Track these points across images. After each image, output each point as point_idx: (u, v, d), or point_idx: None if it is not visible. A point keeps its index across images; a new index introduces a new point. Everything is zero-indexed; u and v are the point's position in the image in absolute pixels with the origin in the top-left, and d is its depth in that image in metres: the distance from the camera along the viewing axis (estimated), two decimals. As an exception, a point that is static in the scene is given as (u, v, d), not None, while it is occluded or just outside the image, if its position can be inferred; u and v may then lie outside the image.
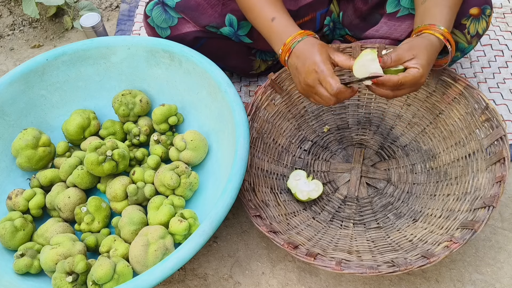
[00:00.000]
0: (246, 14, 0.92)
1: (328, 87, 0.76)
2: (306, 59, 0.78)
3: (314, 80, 0.78)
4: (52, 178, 0.97)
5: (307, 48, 0.79)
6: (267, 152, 1.02)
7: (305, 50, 0.79)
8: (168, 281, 0.93)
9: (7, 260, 0.87)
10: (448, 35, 0.80)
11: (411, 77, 0.75)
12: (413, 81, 0.76)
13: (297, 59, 0.81)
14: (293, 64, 0.82)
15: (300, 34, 0.82)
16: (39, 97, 1.05)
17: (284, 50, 0.83)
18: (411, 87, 0.78)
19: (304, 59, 0.79)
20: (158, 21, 1.03)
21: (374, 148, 1.07)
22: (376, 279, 0.90)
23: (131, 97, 1.04)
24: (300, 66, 0.80)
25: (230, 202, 0.77)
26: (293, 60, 0.82)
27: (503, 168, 0.82)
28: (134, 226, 0.86)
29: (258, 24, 0.89)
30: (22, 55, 1.46)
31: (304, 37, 0.81)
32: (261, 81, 1.26)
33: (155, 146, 1.01)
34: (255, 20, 0.89)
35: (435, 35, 0.79)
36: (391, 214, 0.96)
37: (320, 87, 0.78)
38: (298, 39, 0.81)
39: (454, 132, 0.96)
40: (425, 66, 0.76)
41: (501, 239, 0.94)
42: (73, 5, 1.52)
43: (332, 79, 0.75)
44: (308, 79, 0.79)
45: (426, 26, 0.80)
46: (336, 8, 1.10)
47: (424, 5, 0.84)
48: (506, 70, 1.22)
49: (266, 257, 0.95)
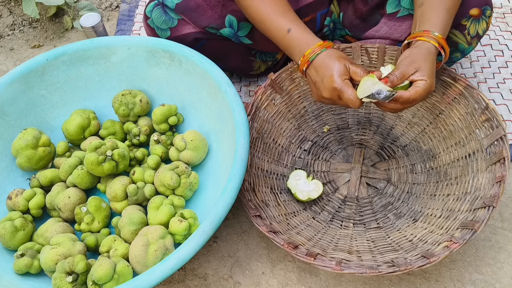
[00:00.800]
0: (257, 26, 0.91)
1: (349, 102, 0.78)
2: (324, 74, 0.80)
3: (334, 95, 0.80)
4: (52, 178, 0.97)
5: (325, 62, 0.80)
6: (267, 152, 1.02)
7: (323, 65, 0.80)
8: (168, 281, 0.93)
9: (7, 260, 0.87)
10: (442, 41, 0.80)
11: (422, 89, 0.76)
12: (424, 92, 0.77)
13: (315, 72, 0.82)
14: (311, 77, 0.83)
15: (320, 46, 0.82)
16: (39, 97, 1.05)
17: (303, 62, 0.83)
18: (422, 99, 0.78)
19: (322, 74, 0.80)
20: (158, 22, 1.03)
21: (374, 148, 1.07)
22: (376, 279, 0.90)
23: (131, 97, 1.04)
24: (319, 81, 0.81)
25: (230, 202, 0.77)
26: (312, 73, 0.83)
27: (503, 168, 0.82)
28: (134, 226, 0.86)
29: (273, 35, 0.88)
30: (22, 55, 1.46)
31: (323, 49, 0.82)
32: (261, 81, 1.26)
33: (155, 146, 1.01)
34: (269, 32, 0.89)
35: (430, 43, 0.79)
36: (391, 214, 0.96)
37: (341, 101, 0.80)
38: (317, 51, 0.82)
39: (454, 132, 0.96)
40: (431, 76, 0.77)
41: (501, 239, 0.94)
42: (73, 5, 1.52)
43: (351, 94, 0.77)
44: (327, 94, 0.81)
45: (421, 32, 0.80)
46: (336, 8, 1.10)
47: (421, 8, 0.84)
48: (506, 70, 1.22)
49: (266, 257, 0.95)
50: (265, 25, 0.88)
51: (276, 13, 0.86)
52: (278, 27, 0.86)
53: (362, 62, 1.04)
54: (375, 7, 1.02)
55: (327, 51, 0.82)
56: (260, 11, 0.88)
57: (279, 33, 0.86)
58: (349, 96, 0.77)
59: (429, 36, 0.79)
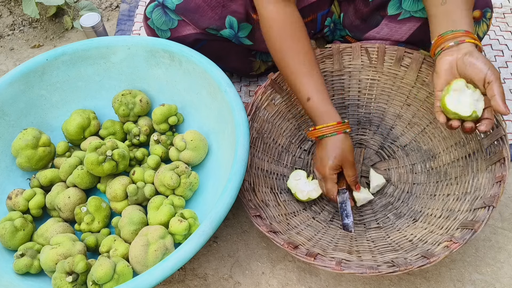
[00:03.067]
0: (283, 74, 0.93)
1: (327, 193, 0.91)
2: (323, 157, 0.88)
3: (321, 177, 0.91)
4: (52, 178, 0.97)
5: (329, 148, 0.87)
6: (267, 152, 1.02)
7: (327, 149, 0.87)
8: (168, 281, 0.93)
9: (7, 260, 0.87)
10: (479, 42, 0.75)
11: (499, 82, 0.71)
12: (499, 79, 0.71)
13: (320, 150, 0.89)
14: (316, 149, 0.92)
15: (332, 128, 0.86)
16: (39, 97, 1.05)
17: (314, 133, 0.88)
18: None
19: (321, 155, 0.88)
20: (158, 23, 1.03)
21: (374, 148, 1.07)
22: (376, 279, 0.90)
23: (131, 97, 1.04)
24: (318, 158, 0.90)
25: (230, 202, 0.77)
26: (317, 147, 0.91)
27: (503, 168, 0.82)
28: (134, 226, 0.86)
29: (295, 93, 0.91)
30: (22, 55, 1.47)
31: (333, 133, 0.86)
32: (261, 81, 1.26)
33: (155, 146, 1.01)
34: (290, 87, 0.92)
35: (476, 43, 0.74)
36: (391, 214, 0.96)
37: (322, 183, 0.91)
38: (326, 133, 0.86)
39: (454, 132, 0.96)
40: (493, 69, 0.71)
41: (501, 239, 0.94)
42: (73, 5, 1.52)
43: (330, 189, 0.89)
44: (317, 172, 0.91)
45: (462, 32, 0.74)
46: (337, 9, 1.10)
47: (445, 7, 0.77)
48: (506, 70, 1.22)
49: (266, 257, 0.95)
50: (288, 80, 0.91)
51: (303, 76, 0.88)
52: (299, 91, 0.89)
53: (362, 62, 1.04)
54: (376, 8, 1.02)
55: (336, 137, 0.86)
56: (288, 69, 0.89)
57: (300, 97, 0.89)
58: (328, 189, 0.89)
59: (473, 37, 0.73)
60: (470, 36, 0.74)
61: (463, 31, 0.74)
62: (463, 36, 0.74)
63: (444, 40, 0.76)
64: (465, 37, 0.74)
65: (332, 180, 0.88)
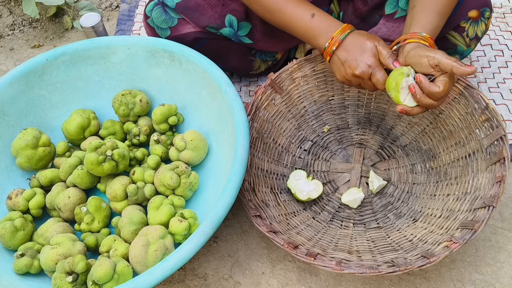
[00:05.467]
0: (272, 15, 0.91)
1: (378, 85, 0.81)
2: (357, 53, 0.82)
3: (365, 75, 0.82)
4: (52, 178, 0.97)
5: (358, 42, 0.82)
6: (267, 152, 1.02)
7: (356, 44, 0.82)
8: (168, 281, 0.93)
9: (7, 260, 0.87)
10: (431, 41, 0.79)
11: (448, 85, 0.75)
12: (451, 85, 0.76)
13: (346, 52, 0.83)
14: (341, 57, 0.84)
15: (347, 27, 0.84)
16: (39, 97, 1.05)
17: (332, 43, 0.84)
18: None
19: (354, 53, 0.82)
20: (158, 22, 1.03)
21: (374, 148, 1.07)
22: (376, 279, 0.90)
23: (131, 97, 1.04)
24: (351, 59, 0.83)
25: (230, 202, 0.77)
26: (341, 53, 0.84)
27: (503, 168, 0.82)
28: (134, 226, 0.86)
29: (292, 23, 0.88)
30: (22, 55, 1.46)
31: (351, 29, 0.84)
32: (261, 81, 1.26)
33: (155, 146, 1.01)
34: (288, 20, 0.89)
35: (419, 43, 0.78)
36: (391, 214, 0.96)
37: (368, 82, 0.83)
38: (346, 31, 0.83)
39: (454, 132, 0.96)
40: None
41: (501, 239, 0.94)
42: (73, 5, 1.52)
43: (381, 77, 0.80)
44: (360, 72, 0.82)
45: (408, 35, 0.80)
46: (336, 8, 1.10)
47: (413, 11, 0.83)
48: (506, 70, 1.22)
49: (266, 257, 0.95)
50: (283, 13, 0.88)
51: (297, 2, 0.87)
52: (300, 14, 0.87)
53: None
54: (375, 7, 1.02)
55: (356, 31, 0.84)
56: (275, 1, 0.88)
57: (302, 20, 0.87)
58: (378, 79, 0.80)
59: (416, 37, 0.79)
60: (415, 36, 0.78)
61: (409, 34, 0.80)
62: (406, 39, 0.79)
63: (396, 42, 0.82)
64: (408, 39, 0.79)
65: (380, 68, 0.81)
